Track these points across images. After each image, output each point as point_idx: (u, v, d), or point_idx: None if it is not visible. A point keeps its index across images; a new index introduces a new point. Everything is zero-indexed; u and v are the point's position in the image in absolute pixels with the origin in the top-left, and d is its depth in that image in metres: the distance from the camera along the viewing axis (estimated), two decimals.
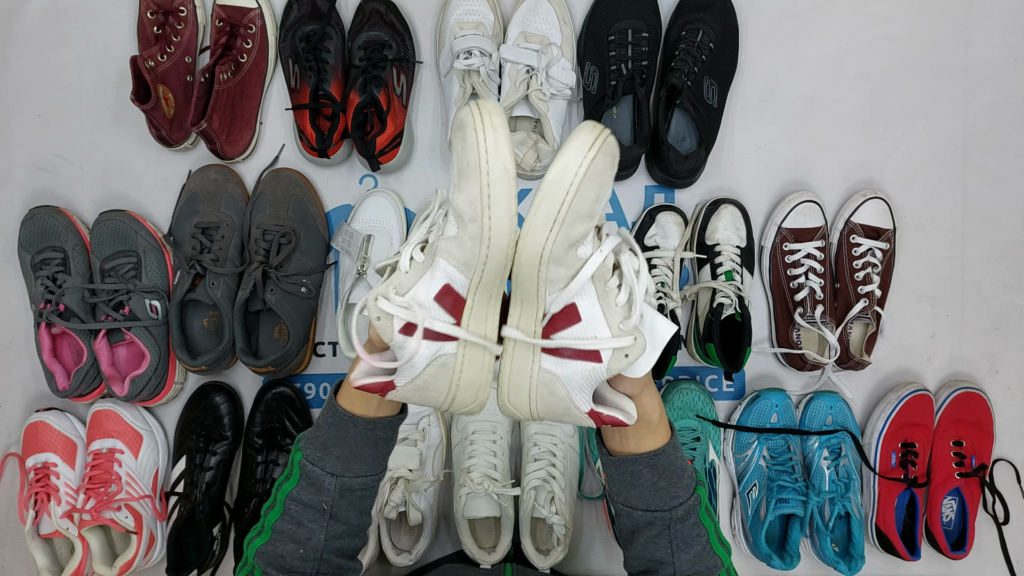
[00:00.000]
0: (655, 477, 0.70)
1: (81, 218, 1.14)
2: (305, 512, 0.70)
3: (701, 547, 0.71)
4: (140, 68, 1.01)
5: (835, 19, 1.15)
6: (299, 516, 0.70)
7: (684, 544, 0.70)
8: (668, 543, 0.70)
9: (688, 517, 0.70)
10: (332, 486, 0.70)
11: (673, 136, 1.10)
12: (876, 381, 1.17)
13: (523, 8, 1.08)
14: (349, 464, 0.71)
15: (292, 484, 0.71)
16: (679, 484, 0.70)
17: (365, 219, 1.10)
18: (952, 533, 1.16)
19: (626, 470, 0.71)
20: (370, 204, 1.11)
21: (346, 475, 0.70)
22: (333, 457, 0.70)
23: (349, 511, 0.72)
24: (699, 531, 0.71)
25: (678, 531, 0.70)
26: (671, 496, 0.70)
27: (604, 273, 0.58)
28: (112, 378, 1.08)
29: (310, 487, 0.70)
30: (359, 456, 0.71)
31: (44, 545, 1.10)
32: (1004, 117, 1.16)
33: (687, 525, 0.70)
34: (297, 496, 0.70)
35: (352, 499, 0.72)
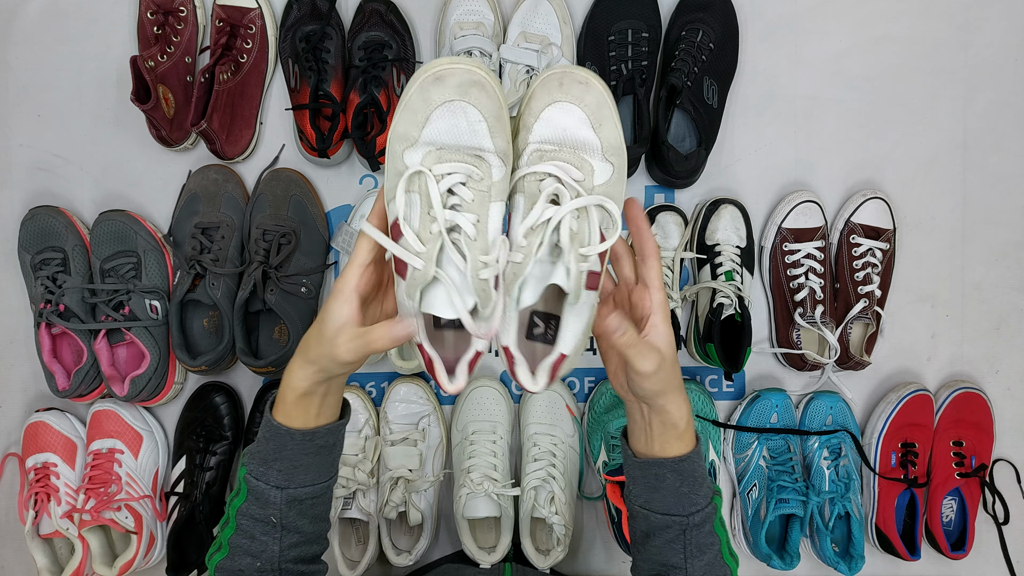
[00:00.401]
0: (678, 482, 0.71)
1: (81, 218, 1.14)
2: (255, 526, 0.71)
3: (714, 555, 0.72)
4: (140, 68, 1.01)
5: (835, 19, 1.15)
6: (251, 530, 0.71)
7: (698, 551, 0.71)
8: (682, 548, 0.71)
9: (704, 525, 0.71)
10: (277, 498, 0.70)
11: (673, 136, 1.10)
12: (876, 381, 1.17)
13: (523, 8, 1.08)
14: (292, 476, 0.70)
15: (241, 499, 0.71)
16: (699, 491, 0.71)
17: (365, 219, 1.10)
18: (952, 533, 1.16)
19: (650, 472, 0.71)
20: (370, 204, 1.11)
21: (290, 487, 0.70)
22: (275, 471, 0.70)
23: (299, 520, 0.72)
24: (713, 540, 0.72)
25: (693, 537, 0.71)
26: (691, 503, 0.71)
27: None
28: (112, 378, 1.08)
29: (257, 501, 0.70)
30: (301, 466, 0.71)
31: (44, 545, 1.10)
32: (1004, 117, 1.16)
33: (703, 532, 0.71)
34: (246, 511, 0.71)
35: (301, 508, 0.72)
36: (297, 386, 0.68)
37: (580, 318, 0.64)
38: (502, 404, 1.11)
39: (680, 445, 0.70)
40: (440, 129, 0.61)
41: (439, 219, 0.59)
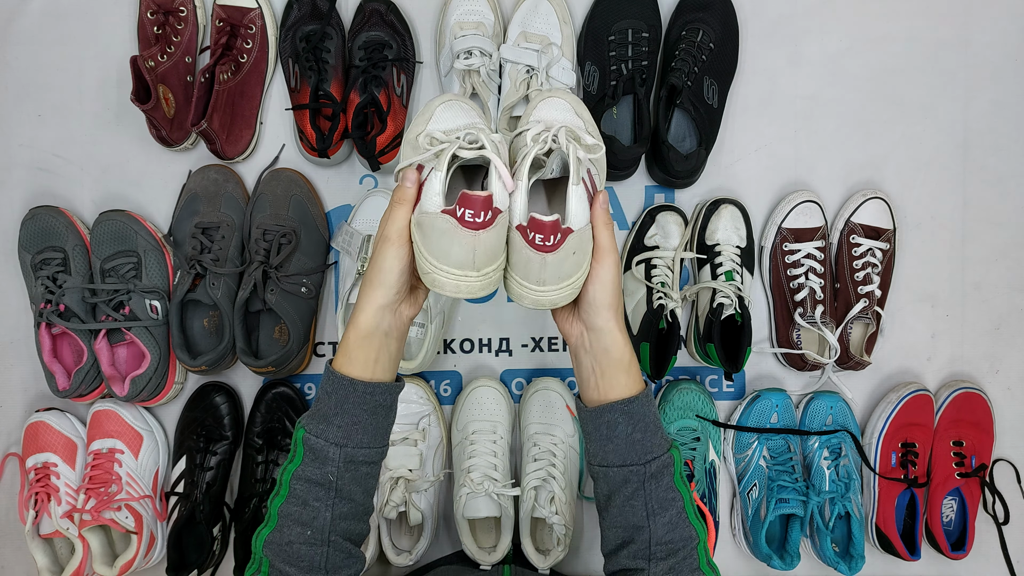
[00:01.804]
0: (630, 428, 0.72)
1: (81, 218, 1.14)
2: (311, 490, 0.70)
3: (676, 513, 0.72)
4: (140, 68, 1.01)
5: (835, 19, 1.15)
6: (304, 495, 0.70)
7: (659, 507, 0.71)
8: (644, 505, 0.71)
9: (662, 476, 0.72)
10: (336, 456, 0.70)
11: (673, 136, 1.10)
12: (876, 381, 1.17)
13: (523, 8, 1.08)
14: (350, 433, 0.71)
15: (296, 463, 0.71)
16: (653, 439, 0.72)
17: (365, 219, 1.10)
18: (952, 533, 1.16)
19: (601, 421, 0.73)
20: (370, 204, 1.11)
21: (349, 444, 0.71)
22: (335, 427, 0.71)
23: (353, 486, 0.72)
24: (674, 495, 0.72)
25: (653, 491, 0.71)
26: (645, 450, 0.72)
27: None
28: (112, 378, 1.08)
29: (314, 461, 0.70)
30: (359, 424, 0.72)
31: (44, 545, 1.10)
32: (1004, 117, 1.16)
33: (662, 486, 0.72)
34: (302, 474, 0.71)
35: (356, 474, 0.72)
36: (360, 324, 0.71)
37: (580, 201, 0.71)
38: (502, 404, 1.11)
39: (628, 382, 0.72)
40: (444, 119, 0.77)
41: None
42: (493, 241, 0.68)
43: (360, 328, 0.71)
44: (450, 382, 1.17)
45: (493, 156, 0.69)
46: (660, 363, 1.06)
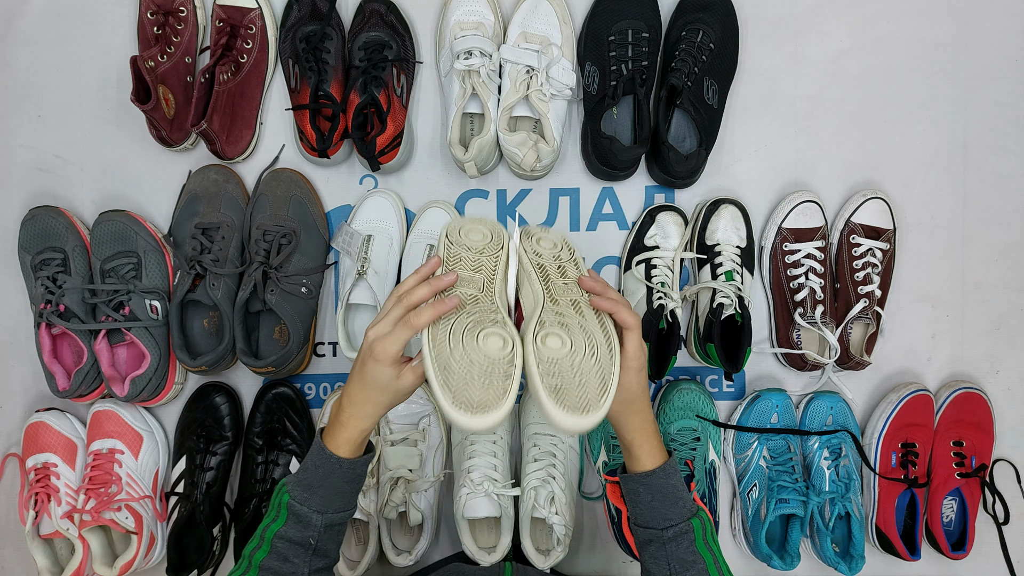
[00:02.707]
0: (649, 497, 0.81)
1: (81, 218, 1.14)
2: (291, 548, 0.79)
3: (698, 572, 0.79)
4: (140, 68, 1.01)
5: (835, 19, 1.15)
6: (286, 553, 0.79)
7: (680, 567, 0.79)
8: (667, 564, 0.80)
9: (681, 541, 0.80)
10: (318, 522, 0.79)
11: (673, 136, 1.10)
12: (876, 381, 1.17)
13: (523, 8, 1.08)
14: (330, 501, 0.80)
15: (280, 524, 0.79)
16: (673, 508, 0.81)
17: (365, 219, 1.10)
18: (952, 533, 1.16)
19: (628, 488, 0.84)
20: (370, 204, 1.11)
21: (329, 511, 0.80)
22: (318, 496, 0.80)
23: (330, 544, 0.81)
24: (695, 558, 0.80)
25: (673, 553, 0.80)
26: (664, 518, 0.81)
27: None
28: (112, 378, 1.08)
29: (297, 524, 0.79)
30: (339, 493, 0.81)
31: (44, 545, 1.10)
32: (1004, 117, 1.16)
33: (682, 549, 0.80)
34: (285, 534, 0.79)
35: (333, 533, 0.81)
36: (364, 428, 0.80)
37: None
38: None
39: (650, 461, 0.82)
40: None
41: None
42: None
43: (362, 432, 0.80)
44: None
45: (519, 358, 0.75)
46: (660, 363, 1.06)
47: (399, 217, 1.12)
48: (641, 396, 0.80)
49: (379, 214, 1.11)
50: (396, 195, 1.13)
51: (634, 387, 0.79)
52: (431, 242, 1.10)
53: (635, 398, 0.80)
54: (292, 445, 1.11)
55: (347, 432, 0.79)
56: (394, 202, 1.11)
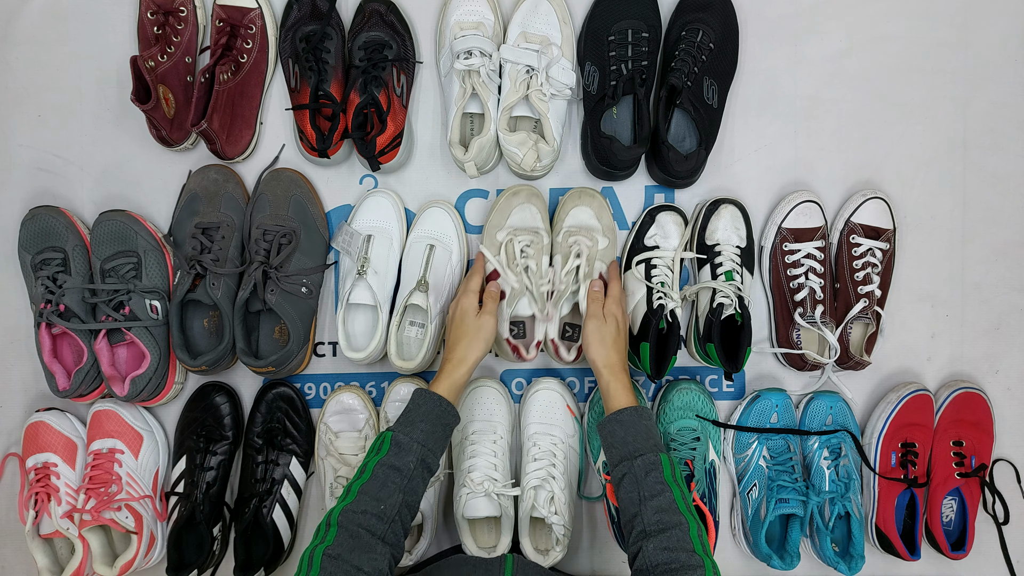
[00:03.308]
0: (622, 432, 0.91)
1: (81, 218, 1.14)
2: (390, 474, 0.87)
3: (666, 501, 0.85)
4: (140, 68, 1.01)
5: (835, 19, 1.15)
6: (385, 477, 0.86)
7: (649, 495, 0.86)
8: (637, 491, 0.86)
9: (652, 470, 0.87)
10: (416, 451, 0.89)
11: (673, 136, 1.10)
12: (876, 381, 1.17)
13: (523, 8, 1.08)
14: (427, 438, 0.90)
15: (383, 454, 0.88)
16: (645, 443, 0.90)
17: (365, 219, 1.10)
18: (952, 533, 1.16)
19: (606, 430, 0.93)
20: (370, 204, 1.11)
21: (427, 446, 0.90)
22: (419, 430, 0.90)
23: (419, 484, 0.89)
24: (663, 488, 0.86)
25: (642, 481, 0.87)
26: (635, 449, 0.90)
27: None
28: (112, 378, 1.08)
29: (398, 451, 0.88)
30: (434, 435, 0.91)
31: (44, 545, 1.11)
32: (1004, 117, 1.16)
33: (651, 479, 0.87)
34: (386, 461, 0.88)
35: (423, 476, 0.89)
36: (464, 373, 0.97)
37: None
38: (502, 404, 1.11)
39: (623, 403, 0.94)
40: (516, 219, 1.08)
41: (519, 263, 1.06)
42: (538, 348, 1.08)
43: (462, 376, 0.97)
44: None
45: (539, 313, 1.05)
46: (660, 363, 1.06)
47: (399, 217, 1.12)
48: (618, 335, 0.99)
49: (379, 214, 1.11)
50: (396, 195, 1.13)
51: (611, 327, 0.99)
52: (431, 242, 1.10)
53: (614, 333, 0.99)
54: (292, 445, 1.11)
55: (448, 378, 0.96)
56: (394, 202, 1.12)
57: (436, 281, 1.08)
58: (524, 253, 1.06)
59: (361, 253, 1.07)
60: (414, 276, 1.08)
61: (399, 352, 1.08)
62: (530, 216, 1.09)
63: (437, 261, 1.09)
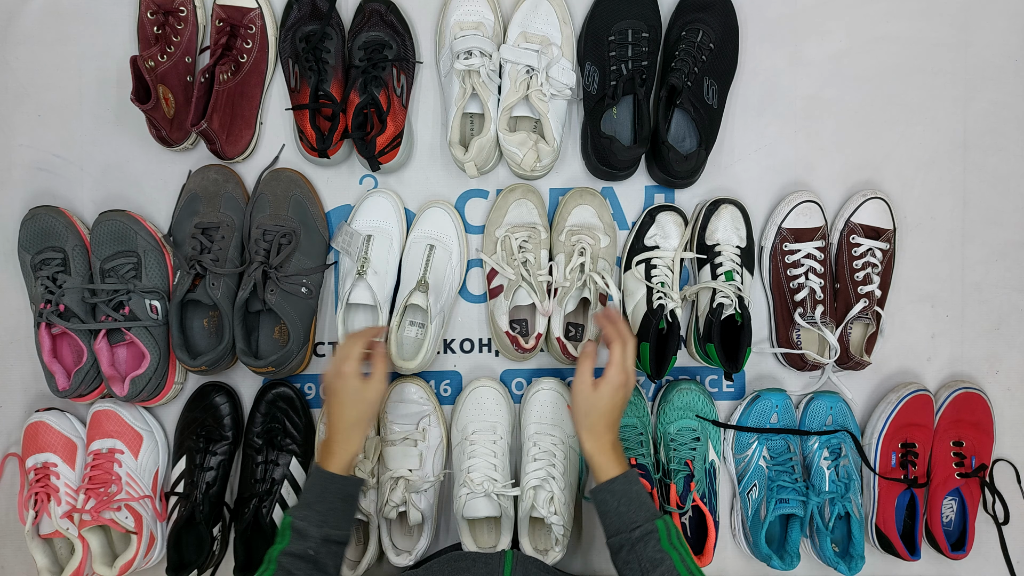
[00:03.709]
0: (616, 502, 0.90)
1: (81, 218, 1.14)
2: (294, 563, 0.86)
3: (667, 568, 0.84)
4: (140, 68, 1.01)
5: (835, 19, 1.15)
6: (290, 567, 0.86)
7: (651, 566, 0.85)
8: (638, 564, 0.86)
9: (648, 541, 0.86)
10: (316, 534, 0.88)
11: (673, 136, 1.10)
12: (876, 381, 1.17)
13: (523, 8, 1.08)
14: (327, 517, 0.90)
15: (283, 544, 0.88)
16: (639, 512, 0.88)
17: (365, 219, 1.10)
18: (952, 533, 1.16)
19: (597, 500, 0.92)
20: (370, 204, 1.11)
21: (326, 526, 0.89)
22: (315, 512, 0.90)
23: (328, 560, 0.89)
24: (663, 556, 0.85)
25: (642, 552, 0.86)
26: (631, 520, 0.88)
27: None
28: (112, 378, 1.08)
29: (298, 538, 0.88)
30: (335, 510, 0.91)
31: (44, 545, 1.10)
32: (1004, 117, 1.16)
33: (649, 548, 0.86)
34: (288, 551, 0.87)
35: (331, 550, 0.89)
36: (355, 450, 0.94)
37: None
38: (502, 404, 1.11)
39: (612, 473, 0.91)
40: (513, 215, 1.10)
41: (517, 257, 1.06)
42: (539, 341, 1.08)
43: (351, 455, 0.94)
44: (450, 382, 1.17)
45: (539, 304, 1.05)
46: (660, 363, 1.06)
47: (399, 217, 1.12)
48: (609, 412, 0.93)
49: (379, 214, 1.11)
50: (396, 195, 1.13)
51: (605, 402, 0.92)
52: (431, 242, 1.10)
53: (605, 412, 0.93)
54: (292, 445, 1.11)
55: (337, 458, 0.93)
56: (394, 202, 1.11)
57: (436, 281, 1.08)
58: (522, 248, 1.06)
59: (361, 253, 1.07)
60: (414, 276, 1.08)
61: (399, 352, 1.08)
62: (527, 212, 1.09)
63: (437, 261, 1.09)
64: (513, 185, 1.11)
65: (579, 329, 1.12)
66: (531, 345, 1.06)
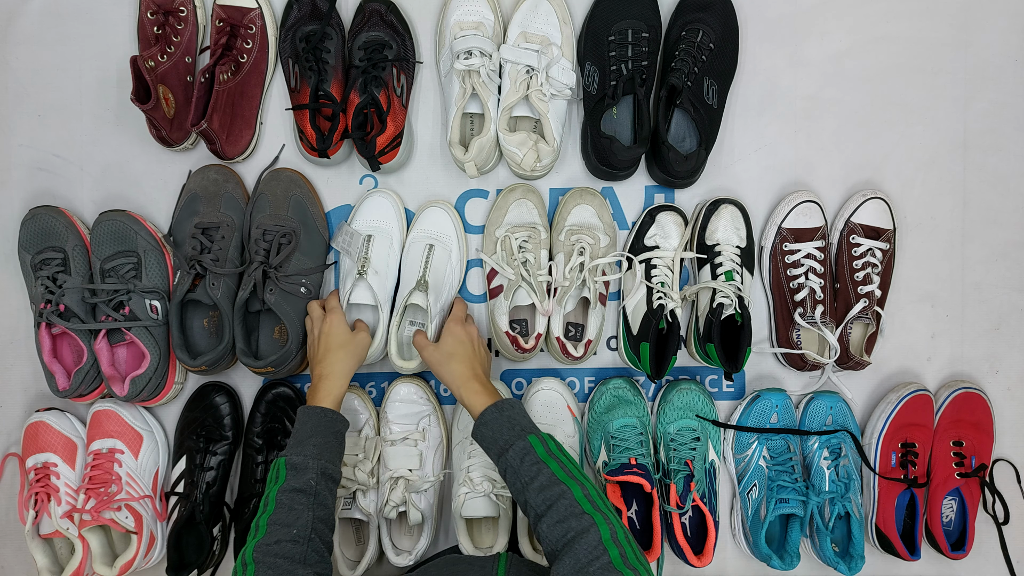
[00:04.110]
0: (490, 432, 0.91)
1: (81, 218, 1.14)
2: (295, 497, 0.87)
3: (545, 479, 0.85)
4: (140, 68, 1.01)
5: (835, 19, 1.15)
6: (290, 503, 0.86)
7: (529, 479, 0.86)
8: (518, 481, 0.87)
9: (524, 457, 0.87)
10: (314, 466, 0.89)
11: (673, 136, 1.10)
12: (876, 381, 1.17)
13: (523, 8, 1.08)
14: (322, 451, 0.91)
15: (280, 482, 0.88)
16: (509, 432, 0.90)
17: (365, 219, 1.10)
18: (952, 533, 1.16)
19: (476, 437, 0.94)
20: (370, 204, 1.11)
21: (322, 459, 0.91)
22: (311, 445, 0.91)
23: (327, 495, 0.90)
24: (539, 467, 0.86)
25: (519, 468, 0.87)
26: (505, 442, 0.89)
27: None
28: (112, 378, 1.08)
29: (295, 474, 0.89)
30: (328, 446, 0.93)
31: (44, 545, 1.10)
32: (1004, 117, 1.16)
33: (526, 465, 0.87)
34: (287, 487, 0.88)
35: (328, 487, 0.90)
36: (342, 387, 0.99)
37: (597, 319, 1.09)
38: None
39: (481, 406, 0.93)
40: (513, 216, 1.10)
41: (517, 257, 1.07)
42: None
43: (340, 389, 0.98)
44: None
45: (539, 304, 1.06)
46: (660, 363, 1.06)
47: (399, 217, 1.12)
48: (459, 350, 1.00)
49: (379, 214, 1.11)
50: (396, 195, 1.13)
51: (448, 344, 1.00)
52: (430, 241, 1.10)
53: (454, 352, 0.99)
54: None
55: (328, 392, 0.96)
56: (394, 202, 1.11)
57: (436, 281, 1.08)
58: (522, 248, 1.07)
59: (361, 253, 1.07)
60: (414, 276, 1.08)
61: (399, 352, 1.08)
62: (527, 212, 1.09)
63: (437, 260, 1.09)
64: (513, 185, 1.11)
65: (579, 329, 1.12)
66: (531, 345, 1.06)
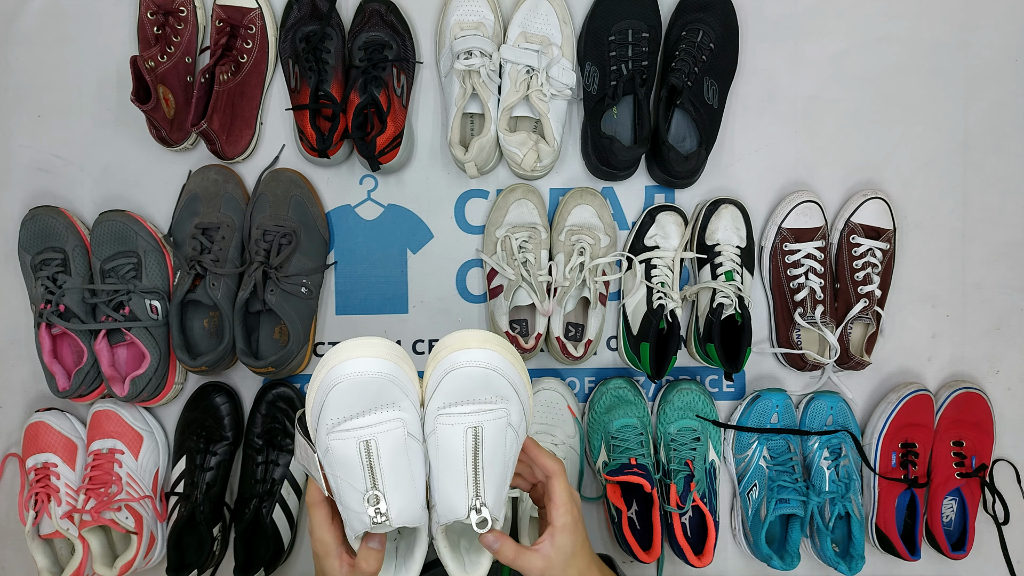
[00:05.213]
0: None
1: (81, 218, 1.14)
2: None
3: None
4: (140, 68, 1.01)
5: (835, 19, 1.15)
6: None
7: None
8: None
9: None
10: None
11: (673, 136, 1.10)
12: (876, 381, 1.17)
13: (523, 8, 1.08)
14: None
15: None
16: None
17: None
18: (952, 533, 1.16)
19: None
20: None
21: None
22: None
23: None
24: None
25: None
26: None
27: None
28: (112, 378, 1.08)
29: None
30: None
31: (44, 546, 1.10)
32: (1004, 117, 1.16)
33: None
34: None
35: None
36: None
37: (597, 319, 1.09)
38: None
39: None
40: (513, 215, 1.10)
41: (517, 258, 1.06)
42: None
43: None
44: None
45: (539, 304, 1.05)
46: (660, 363, 1.06)
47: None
48: (579, 552, 0.75)
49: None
50: None
51: (567, 544, 0.74)
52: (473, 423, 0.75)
53: (574, 554, 0.74)
54: (292, 445, 1.11)
55: None
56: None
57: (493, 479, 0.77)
58: (523, 248, 1.06)
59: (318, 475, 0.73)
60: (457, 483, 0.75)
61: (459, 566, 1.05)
62: (527, 212, 1.09)
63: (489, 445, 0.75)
64: (513, 185, 1.11)
65: (579, 329, 1.12)
66: (531, 345, 1.06)
